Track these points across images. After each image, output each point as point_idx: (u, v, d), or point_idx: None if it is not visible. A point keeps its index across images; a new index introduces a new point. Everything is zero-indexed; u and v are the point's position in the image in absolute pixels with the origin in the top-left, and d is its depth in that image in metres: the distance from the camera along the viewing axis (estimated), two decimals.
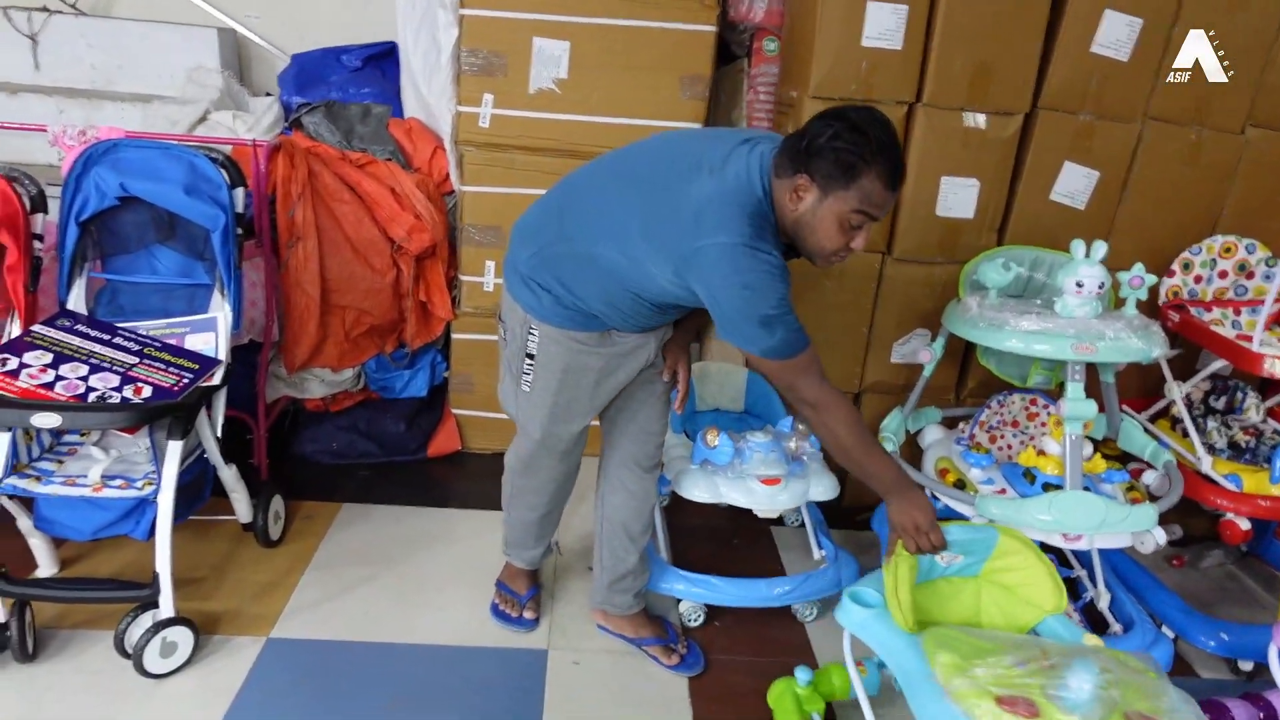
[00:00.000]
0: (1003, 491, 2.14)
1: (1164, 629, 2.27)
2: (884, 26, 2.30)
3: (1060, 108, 2.39)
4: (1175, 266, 2.47)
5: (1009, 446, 2.45)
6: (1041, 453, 2.17)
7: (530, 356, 1.79)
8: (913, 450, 2.52)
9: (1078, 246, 2.06)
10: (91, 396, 1.85)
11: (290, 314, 2.63)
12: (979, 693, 1.30)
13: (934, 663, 1.40)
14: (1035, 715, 1.25)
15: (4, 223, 1.97)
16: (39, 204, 2.06)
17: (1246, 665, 2.21)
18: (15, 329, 2.02)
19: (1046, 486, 2.07)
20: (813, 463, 2.24)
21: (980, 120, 2.38)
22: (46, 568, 2.14)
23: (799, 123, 2.42)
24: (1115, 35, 2.31)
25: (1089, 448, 2.12)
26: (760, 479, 2.12)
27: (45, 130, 2.39)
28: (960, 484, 2.20)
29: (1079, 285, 2.05)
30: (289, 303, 2.62)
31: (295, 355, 2.66)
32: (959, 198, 2.45)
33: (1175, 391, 2.37)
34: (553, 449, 1.93)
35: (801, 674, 1.91)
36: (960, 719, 1.30)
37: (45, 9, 3.32)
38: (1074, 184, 2.45)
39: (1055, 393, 2.42)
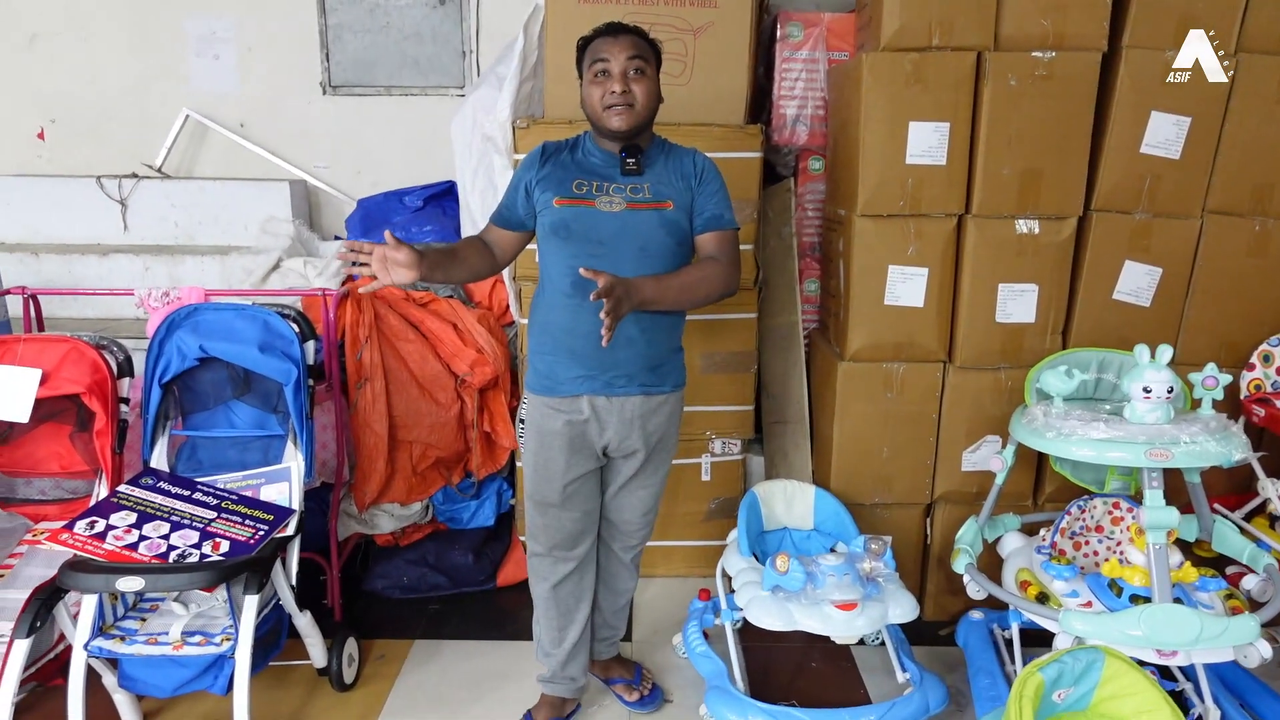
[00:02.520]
0: (1089, 605, 2.04)
1: None
2: (927, 144, 2.34)
3: (1114, 208, 2.38)
4: (1254, 359, 2.39)
5: (1095, 553, 2.34)
6: (1126, 561, 2.07)
7: (522, 421, 2.13)
8: (992, 559, 2.43)
9: (1141, 351, 2.01)
10: (172, 555, 1.91)
11: (360, 453, 2.70)
12: None
13: None
14: None
15: (94, 390, 2.08)
16: (126, 369, 2.18)
17: None
18: (103, 490, 2.11)
19: (1134, 599, 1.97)
20: (889, 583, 2.17)
21: (1033, 226, 2.37)
22: None
23: (849, 240, 2.47)
24: (1164, 135, 2.31)
25: (1177, 555, 2.02)
26: (835, 604, 2.06)
27: (133, 294, 2.55)
28: (1043, 597, 2.11)
29: (1146, 391, 1.99)
30: (358, 442, 2.69)
31: (365, 492, 2.71)
32: (1018, 303, 2.43)
33: (1270, 489, 2.27)
34: (539, 503, 2.07)
35: None
36: None
37: (134, 175, 3.60)
38: (1136, 282, 2.40)
39: (1138, 496, 2.32)
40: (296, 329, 2.21)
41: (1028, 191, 2.36)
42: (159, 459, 2.18)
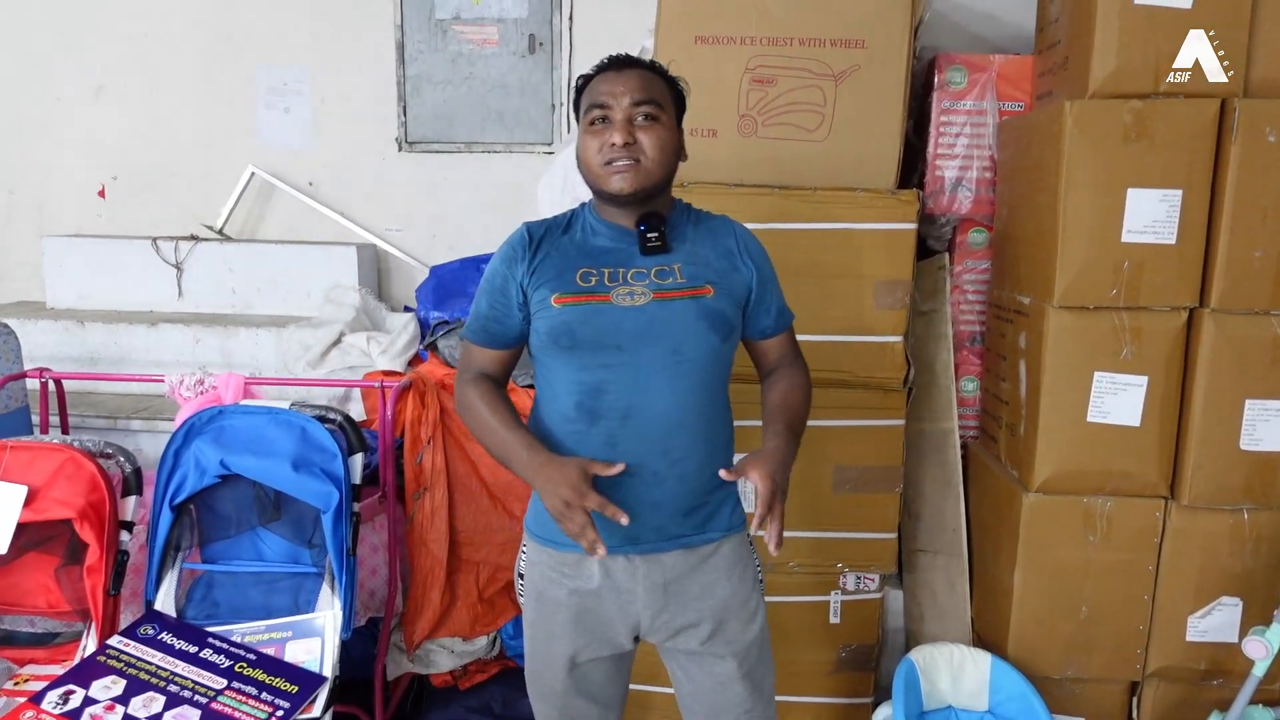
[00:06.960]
0: None
1: None
2: (1150, 217, 1.80)
3: None
4: None
5: None
6: None
7: (520, 576, 1.57)
8: None
9: None
10: None
11: (413, 578, 2.24)
12: None
13: None
14: None
15: (88, 515, 1.66)
16: (132, 485, 1.76)
17: None
18: (92, 642, 1.68)
19: None
20: None
21: None
22: None
23: (1039, 337, 1.93)
24: None
25: None
26: None
27: (163, 380, 2.17)
28: None
29: None
30: (412, 565, 2.23)
31: (417, 628, 2.24)
32: (1272, 426, 1.84)
33: None
34: (539, 691, 1.56)
35: None
36: None
37: (193, 237, 3.28)
38: None
39: None
40: (341, 440, 1.77)
41: None
42: (165, 599, 1.75)
